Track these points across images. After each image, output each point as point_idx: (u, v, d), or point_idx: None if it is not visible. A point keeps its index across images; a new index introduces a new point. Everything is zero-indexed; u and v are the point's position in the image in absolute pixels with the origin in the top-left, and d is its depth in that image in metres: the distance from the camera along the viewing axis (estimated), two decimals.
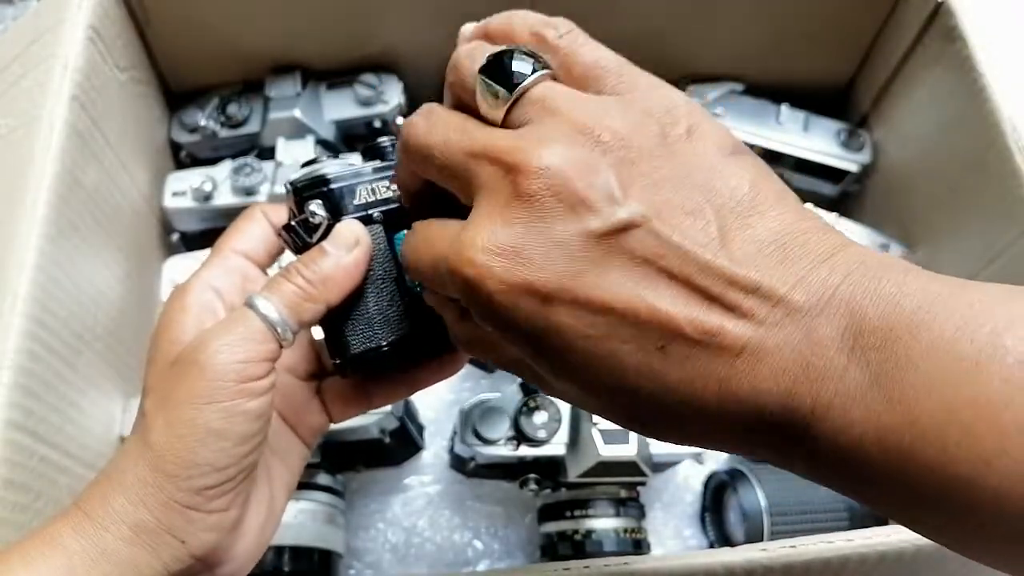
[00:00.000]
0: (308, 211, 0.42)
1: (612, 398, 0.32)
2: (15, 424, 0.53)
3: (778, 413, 0.29)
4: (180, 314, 0.42)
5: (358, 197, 0.43)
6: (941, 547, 0.41)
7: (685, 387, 0.30)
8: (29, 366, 0.56)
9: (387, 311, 0.43)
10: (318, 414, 0.48)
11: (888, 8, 0.80)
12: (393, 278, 0.43)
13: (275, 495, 0.45)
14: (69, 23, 0.67)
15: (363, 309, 0.42)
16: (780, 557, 0.50)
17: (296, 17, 0.80)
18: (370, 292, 0.43)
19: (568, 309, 0.30)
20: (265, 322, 0.39)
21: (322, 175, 0.43)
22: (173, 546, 0.38)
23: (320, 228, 0.42)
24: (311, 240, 0.42)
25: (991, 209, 0.69)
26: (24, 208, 0.59)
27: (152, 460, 0.38)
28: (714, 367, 0.30)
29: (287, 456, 0.47)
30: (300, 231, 0.42)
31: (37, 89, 0.64)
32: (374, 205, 0.43)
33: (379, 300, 0.43)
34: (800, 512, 0.72)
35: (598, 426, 0.64)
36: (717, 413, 0.30)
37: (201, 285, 0.43)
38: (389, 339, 0.43)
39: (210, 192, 0.80)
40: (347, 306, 0.42)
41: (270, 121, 0.82)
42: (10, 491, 0.53)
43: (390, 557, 0.78)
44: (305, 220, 0.42)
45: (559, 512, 0.69)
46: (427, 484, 0.81)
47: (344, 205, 0.42)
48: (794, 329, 0.29)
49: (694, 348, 0.30)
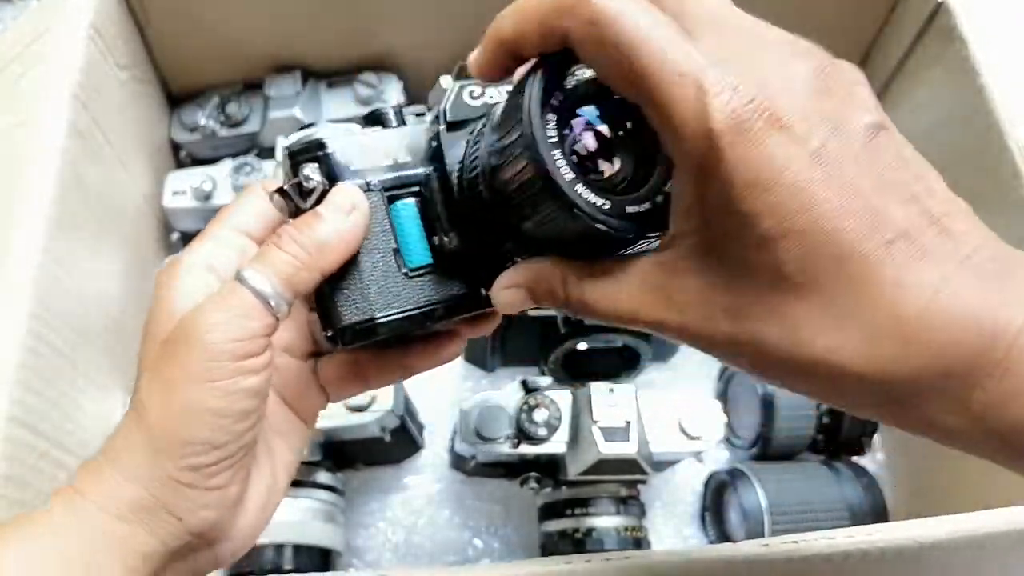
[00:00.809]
0: (303, 175, 0.40)
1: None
2: (16, 420, 0.53)
3: (974, 340, 0.29)
4: (173, 290, 0.40)
5: (356, 163, 0.41)
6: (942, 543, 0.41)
7: (894, 290, 0.29)
8: (30, 362, 0.56)
9: (382, 283, 0.41)
10: (316, 393, 0.47)
11: (888, 8, 0.81)
12: (392, 249, 0.41)
13: (277, 473, 0.44)
14: (69, 22, 0.67)
15: (356, 279, 0.41)
16: (781, 553, 0.50)
17: (296, 17, 0.80)
18: (365, 262, 0.41)
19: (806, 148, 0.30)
20: (258, 296, 0.38)
21: (319, 139, 0.41)
22: (170, 523, 0.38)
23: (315, 193, 0.40)
24: (305, 205, 0.40)
25: (991, 209, 0.68)
26: (25, 206, 0.59)
27: (148, 439, 0.37)
28: (930, 275, 0.29)
29: (288, 435, 0.46)
30: (293, 195, 0.40)
31: (37, 88, 0.65)
32: (372, 172, 0.41)
33: (374, 271, 0.41)
34: (800, 511, 0.72)
35: (599, 424, 0.64)
36: (916, 328, 0.29)
37: (194, 259, 0.41)
38: (383, 312, 0.41)
39: (210, 191, 0.80)
40: (340, 275, 0.40)
41: (270, 120, 0.82)
42: (10, 487, 0.53)
43: (390, 556, 0.78)
44: (299, 184, 0.40)
45: (559, 510, 0.69)
46: (427, 483, 0.81)
47: (341, 170, 0.41)
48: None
49: (917, 251, 0.29)
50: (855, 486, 0.75)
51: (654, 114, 0.32)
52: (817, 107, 0.31)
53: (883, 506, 0.74)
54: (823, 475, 0.76)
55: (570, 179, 0.33)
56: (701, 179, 0.31)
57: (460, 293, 0.42)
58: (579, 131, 0.36)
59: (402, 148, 0.42)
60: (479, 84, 0.42)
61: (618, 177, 0.36)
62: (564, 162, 0.33)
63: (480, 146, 0.39)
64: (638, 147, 0.36)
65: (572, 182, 0.33)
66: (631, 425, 0.64)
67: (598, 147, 0.36)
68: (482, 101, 0.42)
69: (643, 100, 0.32)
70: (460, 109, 0.42)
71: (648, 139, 0.35)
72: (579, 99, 0.35)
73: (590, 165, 0.36)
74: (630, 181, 0.36)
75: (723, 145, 0.30)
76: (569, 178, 0.33)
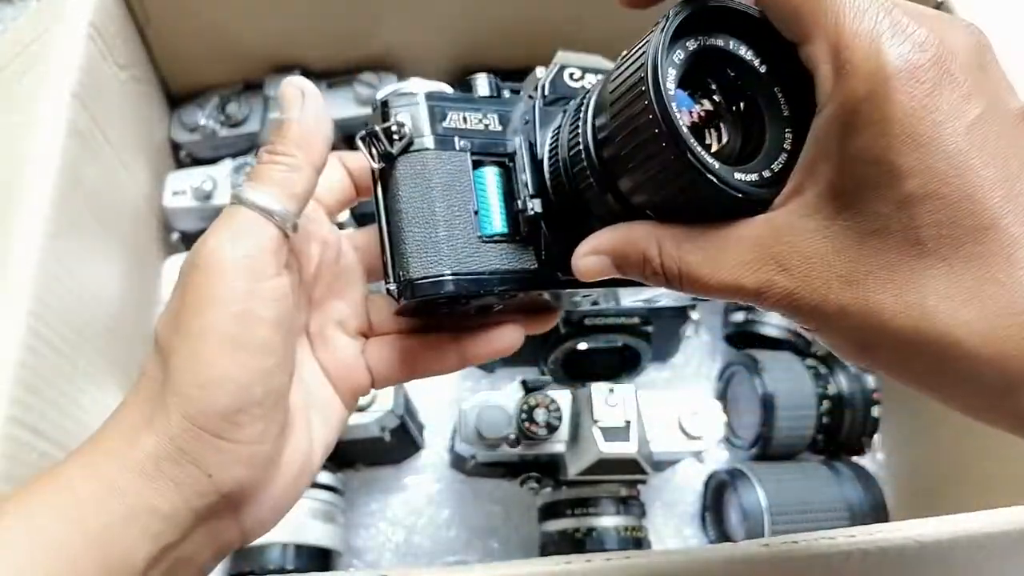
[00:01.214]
0: (395, 119, 0.40)
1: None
2: (15, 420, 0.53)
3: None
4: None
5: (449, 121, 0.41)
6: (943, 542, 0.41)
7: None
8: (30, 362, 0.56)
9: (457, 241, 0.40)
10: (362, 374, 0.45)
11: None
12: (472, 211, 0.41)
13: (314, 446, 0.42)
14: (69, 21, 0.67)
15: (433, 233, 0.40)
16: (781, 553, 0.50)
17: (296, 17, 0.80)
18: (442, 218, 0.40)
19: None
20: (259, 211, 0.37)
21: (415, 92, 0.41)
22: (199, 480, 0.35)
23: (404, 140, 0.40)
24: (392, 149, 0.40)
25: None
26: (25, 205, 0.59)
27: (173, 385, 0.35)
28: None
29: (327, 412, 0.44)
30: (383, 138, 0.40)
31: (37, 87, 0.64)
32: (461, 133, 0.41)
33: (451, 228, 0.40)
34: (800, 511, 0.72)
35: (599, 423, 0.64)
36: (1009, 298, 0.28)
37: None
38: (455, 269, 0.40)
39: (210, 191, 0.80)
40: (417, 228, 0.40)
41: (270, 120, 0.82)
42: (10, 486, 0.53)
43: (390, 556, 0.78)
44: (389, 128, 0.40)
45: (559, 510, 0.69)
46: (427, 483, 0.81)
47: (431, 125, 0.41)
48: None
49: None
50: (855, 486, 0.75)
51: (819, 47, 0.31)
52: (980, 78, 0.30)
53: (883, 506, 0.74)
54: (823, 475, 0.75)
55: (686, 130, 0.32)
56: (853, 123, 0.30)
57: (532, 268, 0.42)
58: (690, 101, 0.36)
59: (494, 116, 0.42)
60: (580, 67, 0.42)
61: (724, 151, 0.36)
62: (679, 114, 0.33)
63: (582, 112, 0.38)
64: (747, 127, 0.36)
65: (688, 133, 0.32)
66: (631, 425, 0.64)
67: (707, 118, 0.36)
68: (581, 84, 0.42)
69: (809, 30, 0.31)
70: (559, 87, 0.42)
71: (759, 121, 0.35)
72: (697, 66, 0.35)
73: (698, 134, 0.35)
74: (736, 157, 0.35)
75: (892, 88, 0.28)
76: (686, 129, 0.32)
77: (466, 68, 0.86)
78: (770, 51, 0.35)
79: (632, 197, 0.36)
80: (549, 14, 0.80)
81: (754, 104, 0.35)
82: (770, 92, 0.35)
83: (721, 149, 0.36)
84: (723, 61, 0.35)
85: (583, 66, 0.42)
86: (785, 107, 0.35)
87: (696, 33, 0.34)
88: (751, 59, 0.35)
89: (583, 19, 0.81)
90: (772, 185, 0.34)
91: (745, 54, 0.35)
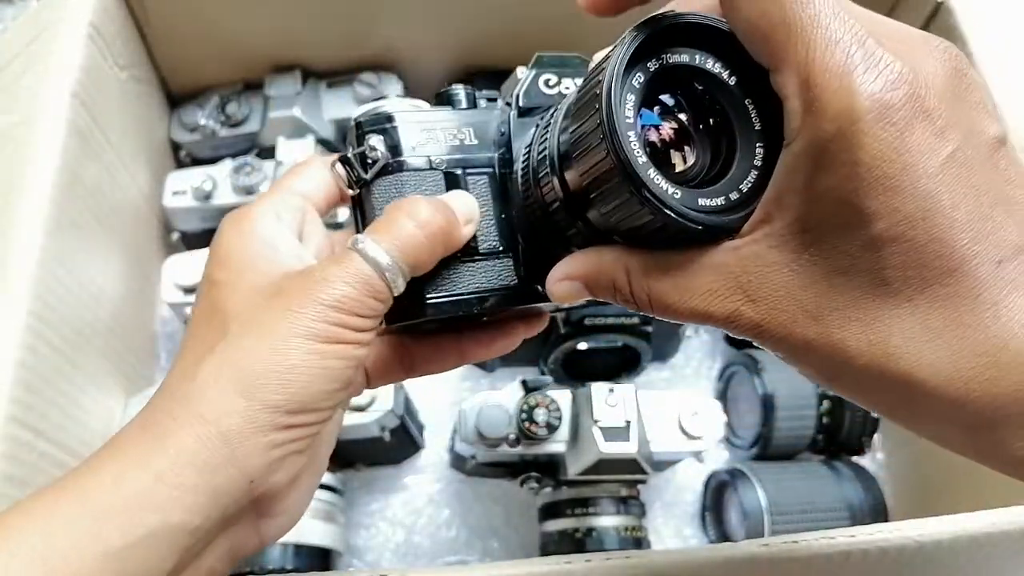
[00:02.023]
0: (368, 145, 0.40)
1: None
2: (16, 419, 0.53)
3: None
4: (245, 235, 0.39)
5: (421, 140, 0.41)
6: (943, 542, 0.41)
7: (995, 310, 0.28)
8: (30, 361, 0.56)
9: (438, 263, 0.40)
10: (357, 374, 0.44)
11: (888, 8, 0.80)
12: None
13: (320, 453, 0.42)
14: (69, 21, 0.67)
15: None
16: (782, 552, 0.50)
17: (296, 17, 0.80)
18: None
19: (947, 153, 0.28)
20: (375, 267, 0.37)
21: (387, 112, 0.41)
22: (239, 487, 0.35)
23: (378, 165, 0.40)
24: (366, 175, 0.40)
25: None
26: (25, 205, 0.59)
27: (243, 379, 0.34)
28: None
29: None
30: (356, 164, 0.40)
31: (37, 87, 0.65)
32: (436, 151, 0.41)
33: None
34: (800, 511, 0.72)
35: (599, 423, 0.64)
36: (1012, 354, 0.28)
37: (263, 208, 0.40)
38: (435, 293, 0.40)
39: (210, 191, 0.80)
40: None
41: (270, 120, 0.82)
42: (10, 486, 0.53)
43: (390, 555, 0.78)
44: (363, 154, 0.40)
45: (560, 510, 0.69)
46: (427, 483, 0.81)
47: (405, 146, 0.40)
48: None
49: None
50: (855, 486, 0.75)
51: (789, 78, 0.30)
52: (955, 108, 0.29)
53: (883, 506, 0.74)
54: (823, 475, 0.75)
55: (643, 162, 0.32)
56: (821, 161, 0.29)
57: (512, 284, 0.42)
58: (657, 119, 0.35)
59: (470, 130, 0.42)
60: (555, 73, 0.41)
61: (692, 171, 0.35)
62: (638, 145, 0.32)
63: (549, 131, 0.38)
64: (717, 143, 0.35)
65: (645, 165, 0.32)
66: (631, 425, 0.64)
67: (674, 138, 0.35)
68: (557, 90, 0.41)
69: (779, 60, 0.30)
70: (533, 96, 0.41)
71: (728, 135, 0.34)
72: (661, 85, 0.34)
73: (664, 156, 0.35)
74: (704, 178, 0.35)
75: (861, 131, 0.28)
76: (642, 161, 0.32)
77: (466, 68, 0.86)
78: (739, 63, 0.34)
79: (599, 226, 0.36)
80: (549, 13, 0.80)
81: (724, 118, 0.35)
82: (741, 105, 0.34)
83: (688, 170, 0.35)
84: (690, 75, 0.34)
85: (559, 70, 0.41)
86: (757, 120, 0.34)
87: (658, 52, 0.33)
88: (719, 71, 0.34)
89: (584, 18, 0.81)
90: (740, 207, 0.33)
91: (712, 67, 0.34)
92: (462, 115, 0.42)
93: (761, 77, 0.32)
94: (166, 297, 0.75)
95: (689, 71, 0.34)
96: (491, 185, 0.41)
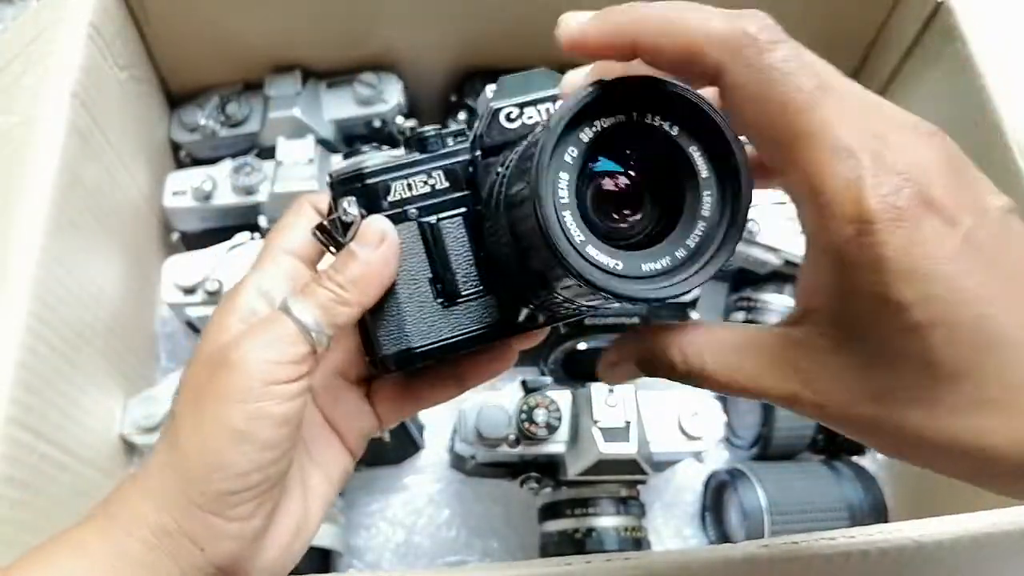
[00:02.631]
0: (341, 208, 0.41)
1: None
2: (16, 421, 0.53)
3: None
4: (226, 316, 0.41)
5: (393, 193, 0.41)
6: (943, 542, 0.41)
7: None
8: (30, 363, 0.56)
9: (418, 313, 0.41)
10: (368, 417, 0.47)
11: (888, 8, 0.80)
12: (427, 278, 0.41)
13: (310, 509, 0.44)
14: (69, 21, 0.67)
15: (394, 309, 0.41)
16: (781, 553, 0.50)
17: (296, 17, 0.80)
18: (402, 291, 0.41)
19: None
20: (298, 324, 0.39)
21: (359, 170, 0.41)
22: (192, 553, 0.38)
23: (353, 227, 0.40)
24: (344, 239, 0.41)
25: None
26: (24, 205, 0.59)
27: (178, 462, 0.38)
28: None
29: (328, 467, 0.46)
30: (333, 230, 0.41)
31: (37, 86, 0.65)
32: (410, 201, 0.41)
33: (410, 300, 0.41)
34: (801, 511, 0.72)
35: (599, 424, 0.64)
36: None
37: (250, 288, 0.42)
38: (421, 342, 0.41)
39: (210, 191, 0.80)
40: (379, 305, 0.41)
41: (270, 120, 0.82)
42: (11, 488, 0.53)
43: (390, 556, 0.78)
44: (338, 218, 0.41)
45: (559, 511, 0.69)
46: (427, 483, 0.81)
47: (379, 202, 0.41)
48: None
49: None
50: (855, 486, 0.75)
51: (798, 184, 0.32)
52: (957, 191, 0.31)
53: (883, 506, 0.74)
54: (823, 475, 0.75)
55: (580, 241, 0.33)
56: (846, 259, 0.31)
57: (496, 319, 0.42)
58: (601, 176, 0.35)
59: (440, 173, 0.42)
60: (516, 104, 0.41)
61: (637, 228, 0.36)
62: (573, 220, 0.33)
63: (504, 179, 0.38)
64: (662, 196, 0.35)
65: (582, 244, 0.33)
66: (631, 425, 0.64)
67: (618, 195, 0.36)
68: (520, 122, 0.41)
69: (788, 164, 0.32)
70: (496, 133, 0.41)
71: (675, 187, 0.34)
72: (603, 144, 0.34)
73: (608, 212, 0.35)
74: (649, 234, 0.35)
75: (877, 231, 0.29)
76: (579, 240, 0.33)
77: (466, 68, 0.86)
78: (679, 113, 0.34)
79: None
80: (549, 13, 0.80)
81: (669, 170, 0.35)
82: (684, 154, 0.34)
83: (634, 225, 0.36)
84: (631, 132, 0.34)
85: (522, 97, 0.41)
86: (703, 167, 0.34)
87: (594, 116, 0.34)
88: (659, 123, 0.34)
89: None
90: (686, 264, 0.34)
91: (652, 120, 0.34)
92: (433, 159, 0.42)
93: (705, 123, 0.33)
94: (166, 297, 0.75)
95: (628, 129, 0.34)
96: (465, 226, 0.41)
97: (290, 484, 0.42)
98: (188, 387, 0.40)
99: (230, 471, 0.37)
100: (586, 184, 0.35)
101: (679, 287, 0.34)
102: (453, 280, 0.41)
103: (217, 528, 0.38)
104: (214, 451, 0.37)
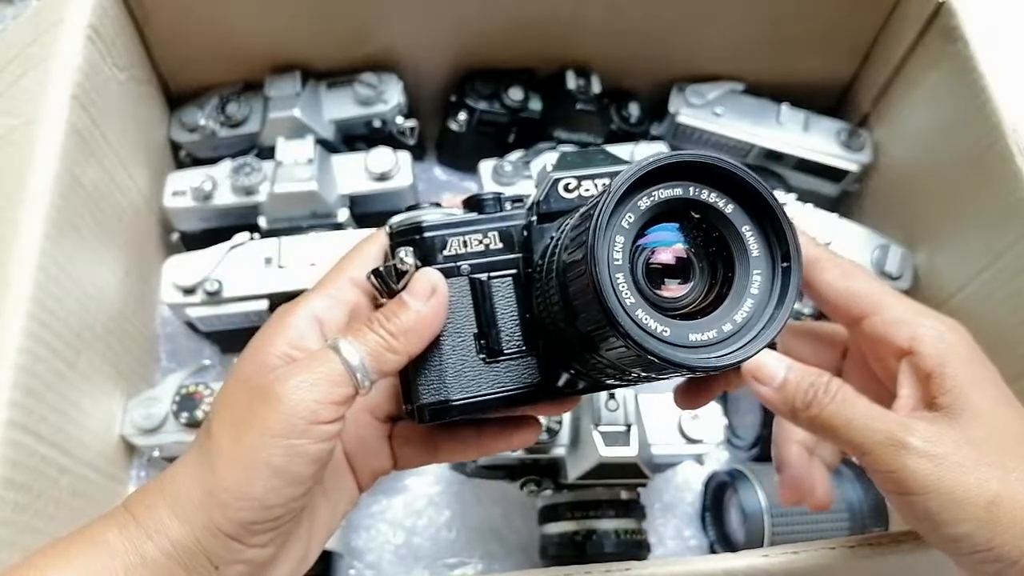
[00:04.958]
0: (398, 257, 0.42)
1: None
2: (16, 423, 0.53)
3: None
4: (275, 336, 0.41)
5: (449, 248, 0.43)
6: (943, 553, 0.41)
7: None
8: (30, 365, 0.56)
9: (460, 366, 0.43)
10: (385, 457, 0.48)
11: (888, 8, 0.80)
12: (472, 333, 0.43)
13: (312, 539, 0.45)
14: (68, 23, 0.67)
15: (436, 359, 0.42)
16: (782, 563, 0.50)
17: (296, 17, 0.80)
18: (446, 344, 0.42)
19: None
20: (346, 367, 0.39)
21: (417, 223, 0.43)
22: (206, 570, 0.39)
23: (407, 276, 0.42)
24: (396, 287, 0.42)
25: (992, 209, 0.69)
26: (24, 207, 0.59)
27: (209, 483, 0.38)
28: None
29: (336, 499, 0.46)
30: (386, 277, 0.42)
31: (37, 88, 0.64)
32: (464, 257, 0.43)
33: (453, 353, 0.43)
34: (800, 512, 0.72)
35: (599, 427, 0.64)
36: None
37: (304, 311, 0.43)
38: (459, 395, 0.42)
39: (210, 192, 0.80)
40: (423, 354, 0.42)
41: (270, 121, 0.81)
42: (11, 490, 0.53)
43: (391, 557, 0.78)
44: (394, 266, 0.42)
45: (560, 513, 0.69)
46: (428, 485, 0.81)
47: (434, 255, 0.42)
48: None
49: None
50: (855, 486, 0.75)
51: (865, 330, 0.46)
52: (978, 368, 0.44)
53: (883, 506, 0.74)
54: None
55: (631, 303, 0.34)
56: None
57: (535, 381, 0.43)
58: (654, 245, 0.37)
59: (495, 234, 0.43)
60: (575, 176, 0.42)
61: (687, 298, 0.37)
62: (625, 283, 0.34)
63: (559, 246, 0.39)
64: (714, 271, 0.37)
65: (633, 307, 0.34)
66: (632, 429, 0.64)
67: (674, 264, 0.37)
68: (577, 193, 0.42)
69: (858, 318, 0.46)
70: (553, 202, 0.42)
71: (726, 263, 0.36)
72: (658, 217, 0.36)
73: (658, 280, 0.37)
74: (699, 306, 0.37)
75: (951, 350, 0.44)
76: (630, 303, 0.34)
77: (466, 68, 0.86)
78: (735, 192, 0.35)
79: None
80: (550, 14, 0.80)
81: (722, 246, 0.36)
82: (737, 232, 0.36)
83: (683, 296, 0.37)
84: (686, 206, 0.36)
85: (580, 171, 0.43)
86: (755, 246, 0.35)
87: (651, 186, 0.35)
88: (715, 200, 0.35)
89: (584, 19, 0.81)
90: (732, 339, 0.35)
91: (707, 197, 0.35)
92: (489, 220, 0.44)
93: (760, 203, 0.35)
94: (165, 298, 0.75)
95: (685, 202, 0.36)
96: (515, 287, 0.43)
97: (301, 515, 0.43)
98: (227, 406, 0.40)
99: (258, 503, 0.38)
100: (639, 251, 0.36)
101: (725, 359, 0.35)
102: (497, 337, 0.43)
103: (235, 551, 0.39)
104: (246, 481, 0.38)
